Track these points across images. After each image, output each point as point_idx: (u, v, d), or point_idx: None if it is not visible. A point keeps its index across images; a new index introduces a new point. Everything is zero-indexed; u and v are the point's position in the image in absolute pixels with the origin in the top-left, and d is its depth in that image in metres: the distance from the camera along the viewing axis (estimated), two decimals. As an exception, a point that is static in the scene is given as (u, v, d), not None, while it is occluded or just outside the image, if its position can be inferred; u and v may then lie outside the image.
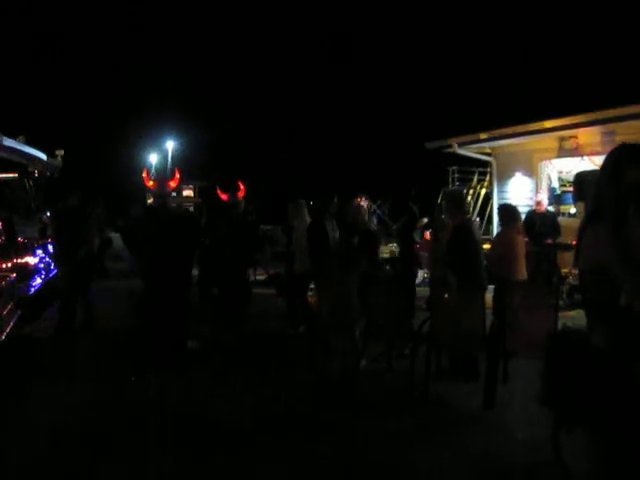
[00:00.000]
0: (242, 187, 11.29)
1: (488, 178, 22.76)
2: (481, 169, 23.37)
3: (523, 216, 15.91)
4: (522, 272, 8.98)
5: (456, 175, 25.34)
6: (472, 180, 23.64)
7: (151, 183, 9.01)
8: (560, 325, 6.65)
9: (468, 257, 7.60)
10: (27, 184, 13.27)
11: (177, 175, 9.10)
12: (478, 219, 20.51)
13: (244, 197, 11.36)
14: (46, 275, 11.11)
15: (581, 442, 3.78)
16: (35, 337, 9.60)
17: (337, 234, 10.09)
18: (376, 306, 8.11)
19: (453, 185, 25.14)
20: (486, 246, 15.89)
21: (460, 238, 7.66)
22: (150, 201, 9.61)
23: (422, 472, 5.49)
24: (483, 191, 22.40)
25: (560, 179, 17.01)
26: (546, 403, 4.21)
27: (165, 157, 46.59)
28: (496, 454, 5.78)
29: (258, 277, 15.76)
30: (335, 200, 10.36)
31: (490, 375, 6.85)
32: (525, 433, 6.15)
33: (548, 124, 14.28)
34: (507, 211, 9.36)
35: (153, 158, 48.52)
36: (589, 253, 3.62)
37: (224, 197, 11.28)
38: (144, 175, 9.04)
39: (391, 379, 8.09)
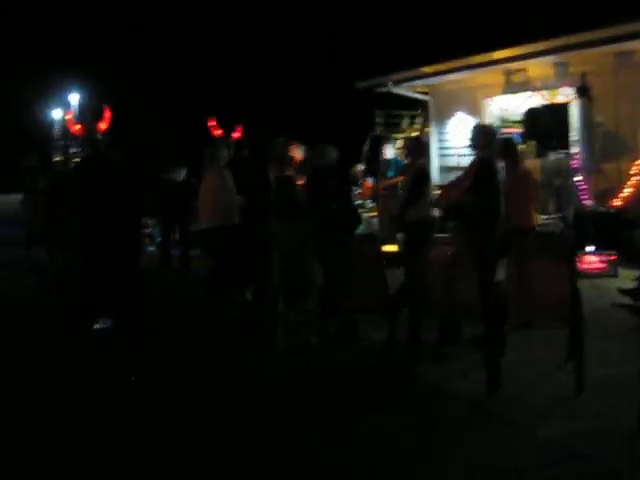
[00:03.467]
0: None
1: (419, 121, 21.51)
2: (411, 112, 22.04)
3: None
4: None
5: (381, 119, 23.98)
6: (400, 124, 22.26)
7: (77, 127, 7.15)
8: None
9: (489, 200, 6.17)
10: None
11: (107, 114, 7.26)
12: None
13: None
14: None
15: None
16: None
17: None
18: (333, 271, 6.58)
19: (381, 130, 23.78)
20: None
21: (484, 175, 6.20)
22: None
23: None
24: (414, 135, 21.04)
25: (502, 118, 15.76)
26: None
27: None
28: (508, 457, 4.44)
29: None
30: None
31: (493, 352, 5.49)
32: (543, 429, 4.84)
33: (497, 55, 12.91)
34: (511, 144, 7.89)
35: (57, 113, 45.48)
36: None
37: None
38: (67, 118, 7.18)
39: (361, 360, 6.54)
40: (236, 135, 9.89)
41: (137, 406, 5.54)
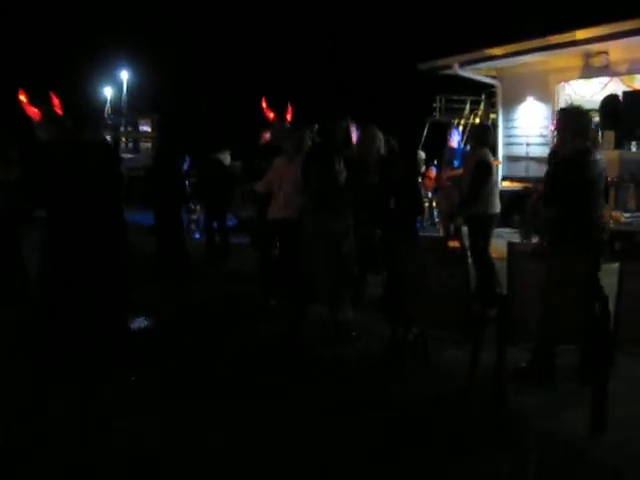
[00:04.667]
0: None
1: (482, 107, 20.45)
2: (473, 97, 20.96)
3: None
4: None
5: (442, 104, 22.93)
6: (463, 109, 21.20)
7: (34, 110, 6.15)
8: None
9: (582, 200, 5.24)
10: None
11: (55, 101, 6.28)
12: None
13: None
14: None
15: None
16: None
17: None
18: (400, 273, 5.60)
19: (440, 115, 22.73)
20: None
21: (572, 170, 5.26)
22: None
23: None
24: (477, 121, 19.94)
25: (576, 105, 14.55)
26: None
27: (120, 89, 43.36)
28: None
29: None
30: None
31: (600, 381, 4.54)
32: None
33: (579, 35, 11.75)
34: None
35: (108, 91, 45.29)
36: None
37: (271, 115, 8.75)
38: (23, 99, 6.17)
39: (433, 384, 5.52)
40: (288, 117, 9.02)
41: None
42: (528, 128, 14.44)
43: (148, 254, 9.97)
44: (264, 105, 10.43)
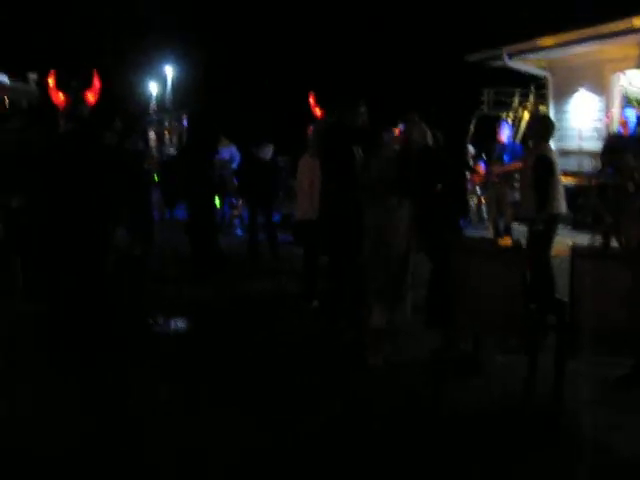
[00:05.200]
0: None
1: (531, 99, 19.92)
2: (522, 89, 20.44)
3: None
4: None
5: (490, 97, 22.42)
6: (512, 102, 20.68)
7: (62, 97, 5.81)
8: None
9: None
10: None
11: (97, 83, 5.93)
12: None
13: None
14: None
15: None
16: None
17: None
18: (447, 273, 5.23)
19: (489, 109, 22.23)
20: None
21: None
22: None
23: None
24: (526, 115, 19.42)
25: (627, 96, 13.98)
26: None
27: (165, 85, 43.49)
28: None
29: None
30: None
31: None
32: None
33: (636, 23, 11.24)
34: None
35: (153, 87, 45.44)
36: None
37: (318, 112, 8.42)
38: (50, 83, 5.83)
39: (484, 394, 5.07)
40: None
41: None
42: (581, 121, 13.95)
43: (182, 252, 9.78)
44: (312, 101, 10.14)
